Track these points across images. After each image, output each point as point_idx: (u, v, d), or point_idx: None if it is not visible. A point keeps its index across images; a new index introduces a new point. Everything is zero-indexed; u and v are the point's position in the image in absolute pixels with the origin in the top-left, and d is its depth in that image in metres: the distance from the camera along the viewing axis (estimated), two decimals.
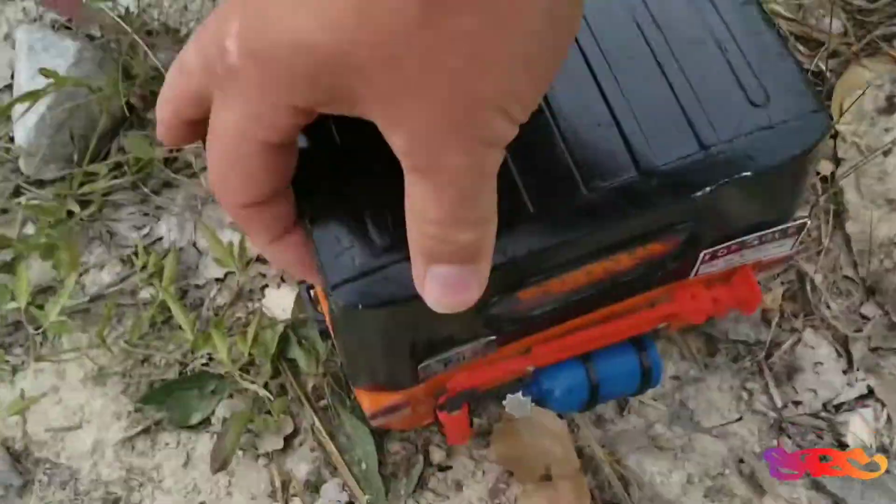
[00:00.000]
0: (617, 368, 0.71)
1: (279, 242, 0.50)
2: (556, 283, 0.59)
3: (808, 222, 0.64)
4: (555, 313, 0.63)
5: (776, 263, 0.72)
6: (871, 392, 0.91)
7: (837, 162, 0.99)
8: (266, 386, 0.92)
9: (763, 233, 0.62)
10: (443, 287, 0.44)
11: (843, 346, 0.93)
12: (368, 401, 0.68)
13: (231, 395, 0.94)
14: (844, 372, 0.92)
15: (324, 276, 0.51)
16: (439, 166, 0.38)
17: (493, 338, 0.62)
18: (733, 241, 0.62)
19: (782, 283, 0.96)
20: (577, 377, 0.69)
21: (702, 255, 0.62)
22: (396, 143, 0.39)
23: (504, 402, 0.70)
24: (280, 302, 0.97)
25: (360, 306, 0.51)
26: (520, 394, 0.70)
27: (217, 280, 1.00)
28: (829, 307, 0.94)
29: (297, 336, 0.93)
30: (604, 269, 0.60)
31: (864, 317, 0.94)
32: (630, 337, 0.71)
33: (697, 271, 0.65)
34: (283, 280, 0.99)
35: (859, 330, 0.93)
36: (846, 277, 0.96)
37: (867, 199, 0.95)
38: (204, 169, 1.03)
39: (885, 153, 0.93)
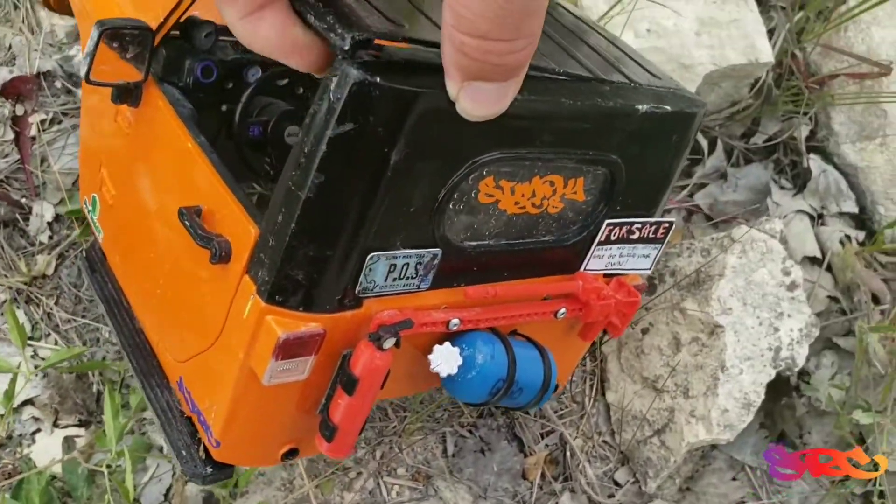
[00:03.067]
0: (529, 353, 0.71)
1: (254, 17, 0.45)
2: (507, 193, 0.63)
3: (675, 222, 0.76)
4: (485, 259, 0.66)
5: (627, 300, 0.77)
6: None
7: None
8: None
9: (646, 220, 0.73)
10: (479, 102, 0.43)
11: None
12: (281, 326, 0.58)
13: None
14: None
15: (342, 25, 0.49)
16: None
17: (440, 251, 0.62)
18: (626, 221, 0.71)
19: (547, 447, 1.02)
20: (497, 346, 0.68)
21: (604, 225, 0.70)
22: None
23: (431, 356, 0.65)
24: (52, 450, 0.95)
25: (378, 80, 0.50)
26: (448, 343, 0.66)
27: None
28: (584, 474, 1.01)
29: (63, 490, 0.92)
30: (542, 195, 0.65)
31: (616, 483, 1.01)
32: (534, 343, 0.73)
33: (588, 262, 0.73)
34: (55, 425, 0.97)
35: (612, 496, 1.01)
36: (605, 442, 1.03)
37: (626, 372, 1.02)
38: None
39: (644, 331, 1.01)
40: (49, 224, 1.04)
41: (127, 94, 0.73)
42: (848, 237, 1.25)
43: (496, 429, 1.03)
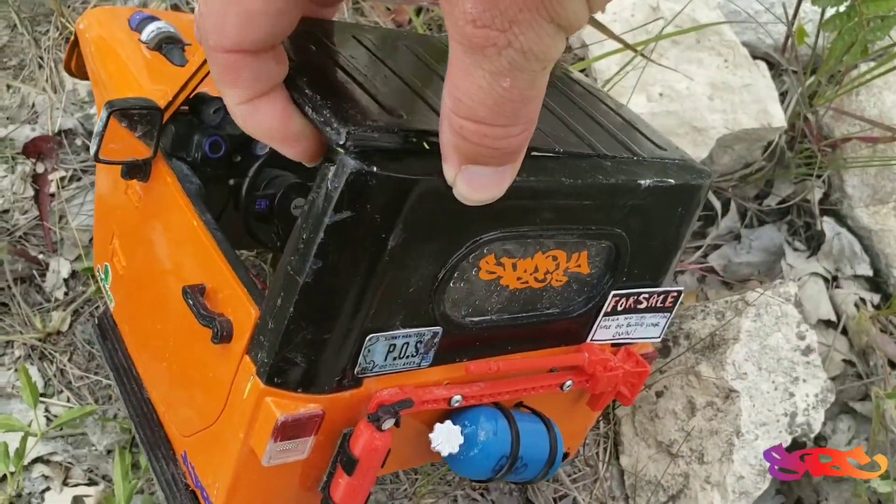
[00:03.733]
0: (533, 427, 0.70)
1: (254, 104, 0.45)
2: (508, 269, 0.62)
3: (683, 290, 0.75)
4: (487, 334, 0.65)
5: (636, 371, 0.77)
6: None
7: None
8: None
9: (653, 290, 0.72)
10: (476, 187, 0.42)
11: None
12: (279, 408, 0.57)
13: None
14: None
15: (338, 119, 0.50)
16: (505, 44, 0.34)
17: (440, 329, 0.62)
18: (633, 291, 0.71)
19: None
20: (500, 423, 0.67)
21: (611, 296, 0.69)
22: (461, 8, 0.34)
23: (431, 435, 0.65)
24: None
25: (375, 169, 0.50)
26: (449, 422, 0.65)
27: None
28: None
29: None
30: (545, 269, 0.65)
31: None
32: (539, 415, 0.72)
33: (595, 333, 0.72)
34: (65, 483, 0.97)
35: None
36: None
37: (640, 436, 1.01)
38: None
39: (658, 394, 1.01)
40: (65, 280, 1.05)
41: (136, 170, 0.73)
42: (863, 300, 1.24)
43: (508, 492, 1.02)
